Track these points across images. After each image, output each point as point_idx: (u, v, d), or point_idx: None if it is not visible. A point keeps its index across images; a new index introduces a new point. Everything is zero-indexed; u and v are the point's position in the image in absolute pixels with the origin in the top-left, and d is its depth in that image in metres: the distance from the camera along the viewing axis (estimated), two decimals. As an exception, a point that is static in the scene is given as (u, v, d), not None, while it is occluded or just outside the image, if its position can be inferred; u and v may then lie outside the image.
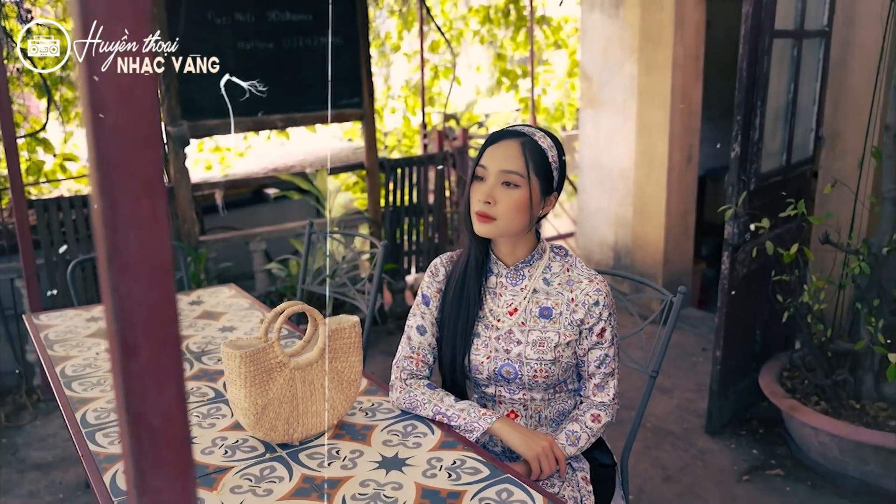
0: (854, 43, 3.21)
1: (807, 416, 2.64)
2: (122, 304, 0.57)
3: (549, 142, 1.55)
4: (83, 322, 2.31)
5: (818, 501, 2.63)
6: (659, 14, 4.05)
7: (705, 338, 4.05)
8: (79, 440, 1.55)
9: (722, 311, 2.92)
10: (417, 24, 5.55)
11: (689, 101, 4.17)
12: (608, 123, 4.51)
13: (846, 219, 2.93)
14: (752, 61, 2.68)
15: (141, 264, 0.57)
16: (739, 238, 2.81)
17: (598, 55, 4.53)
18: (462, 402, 1.59)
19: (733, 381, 3.10)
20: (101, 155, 0.54)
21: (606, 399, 1.63)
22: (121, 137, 0.54)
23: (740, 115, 2.74)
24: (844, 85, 3.24)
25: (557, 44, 6.46)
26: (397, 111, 6.24)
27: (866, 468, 2.59)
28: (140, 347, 0.58)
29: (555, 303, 1.57)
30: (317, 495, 1.35)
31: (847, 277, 2.71)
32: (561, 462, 1.53)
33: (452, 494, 1.34)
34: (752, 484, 2.75)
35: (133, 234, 0.56)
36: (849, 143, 3.18)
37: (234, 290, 2.64)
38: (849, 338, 2.78)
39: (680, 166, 4.23)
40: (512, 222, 1.52)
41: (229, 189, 3.98)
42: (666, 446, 3.02)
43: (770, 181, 2.96)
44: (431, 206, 4.68)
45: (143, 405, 0.60)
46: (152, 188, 0.56)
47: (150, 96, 0.55)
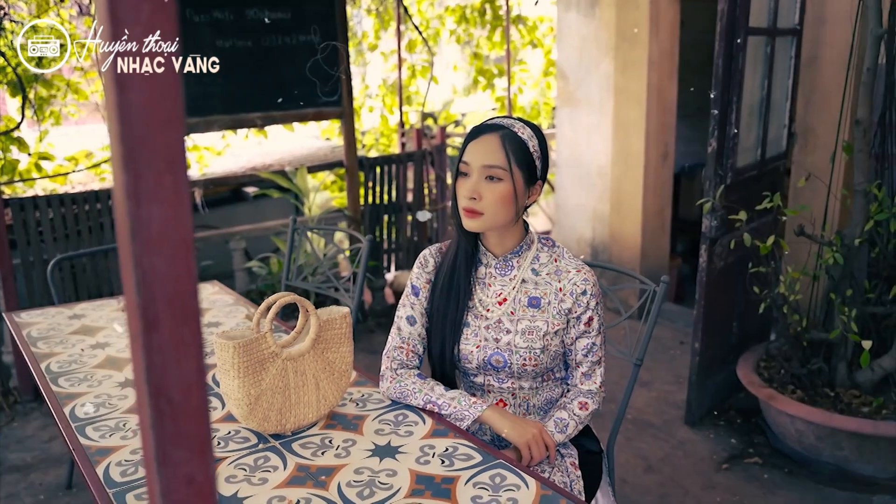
0: (824, 41, 3.29)
1: (784, 404, 2.70)
2: (145, 279, 0.58)
3: (530, 132, 1.57)
4: (65, 319, 2.29)
5: (795, 487, 2.69)
6: (634, 13, 4.11)
7: (682, 331, 4.12)
8: (69, 434, 1.54)
9: (700, 303, 2.98)
10: (394, 23, 5.57)
11: (664, 98, 4.24)
12: (585, 121, 4.56)
13: (818, 212, 3.00)
14: (728, 58, 2.74)
15: (163, 239, 0.58)
16: (717, 231, 2.87)
17: (574, 54, 4.58)
18: (452, 392, 1.61)
19: (711, 372, 3.16)
20: (125, 132, 0.55)
21: (593, 387, 1.66)
22: (146, 115, 0.55)
23: (717, 110, 2.79)
24: (815, 82, 3.32)
25: (533, 43, 6.51)
26: (375, 110, 6.25)
27: (840, 454, 2.66)
28: (162, 321, 0.60)
29: (543, 292, 1.60)
30: (312, 483, 1.36)
31: (821, 269, 2.78)
32: (551, 448, 1.56)
33: (447, 480, 1.36)
34: (731, 472, 2.80)
35: (156, 210, 0.57)
36: (820, 138, 3.25)
37: (218, 287, 2.64)
38: (823, 327, 2.85)
39: (656, 163, 4.29)
40: (498, 215, 1.55)
41: (209, 187, 3.96)
42: (646, 437, 3.07)
43: (746, 176, 3.02)
44: (411, 204, 4.70)
45: (165, 378, 0.61)
46: (175, 164, 0.57)
47: (174, 76, 0.56)
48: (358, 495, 1.31)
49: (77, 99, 3.95)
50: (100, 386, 1.79)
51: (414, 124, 5.47)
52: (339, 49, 4.01)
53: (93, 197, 3.47)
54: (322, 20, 3.94)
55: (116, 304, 2.44)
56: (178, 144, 0.57)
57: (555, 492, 1.32)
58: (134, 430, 1.56)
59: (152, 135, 0.56)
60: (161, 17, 0.54)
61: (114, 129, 0.55)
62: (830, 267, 2.69)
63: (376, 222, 4.51)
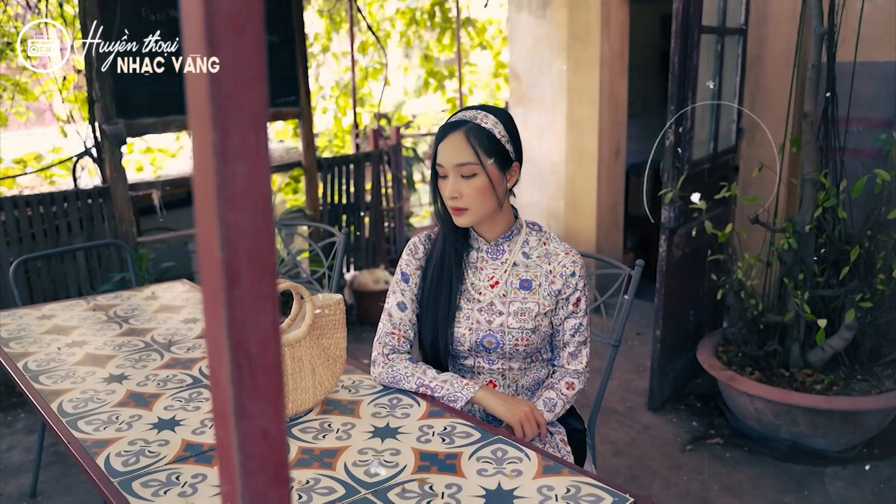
0: (767, 40, 3.46)
1: (744, 384, 2.83)
2: (228, 234, 0.60)
3: (493, 118, 1.61)
4: (35, 320, 2.24)
5: (755, 464, 2.82)
6: (586, 14, 4.22)
7: (639, 323, 4.24)
8: (61, 429, 1.52)
9: (661, 291, 3.09)
10: (347, 25, 5.57)
11: (615, 96, 4.37)
12: (538, 120, 4.66)
13: (768, 202, 3.15)
14: (684, 54, 2.85)
15: (246, 195, 0.60)
16: (675, 222, 2.98)
17: (526, 54, 4.67)
18: (444, 374, 1.65)
19: (671, 359, 3.28)
20: (214, 91, 0.57)
21: (580, 367, 1.72)
22: (234, 74, 0.58)
23: (673, 105, 2.90)
24: (760, 79, 3.48)
25: (482, 45, 6.61)
26: (328, 111, 6.24)
27: (796, 429, 2.79)
28: (243, 275, 0.62)
29: (534, 275, 1.66)
30: (318, 464, 1.38)
31: (774, 255, 2.92)
32: (542, 426, 1.61)
33: (450, 456, 1.40)
34: (695, 453, 2.91)
35: (241, 166, 0.59)
36: (765, 133, 3.41)
37: (188, 286, 2.61)
38: (777, 311, 2.99)
39: (609, 159, 4.42)
40: (483, 206, 1.60)
41: (166, 189, 3.90)
42: (613, 423, 3.16)
43: (700, 168, 3.15)
44: (368, 204, 4.71)
45: (244, 332, 0.63)
46: (257, 123, 0.60)
47: (259, 35, 0.59)
48: (365, 473, 1.34)
49: (25, 100, 3.84)
50: (84, 382, 1.76)
51: (368, 125, 5.49)
52: (296, 50, 4.00)
53: (48, 199, 3.37)
54: (279, 21, 3.93)
55: (86, 304, 2.39)
56: (261, 103, 0.59)
57: (556, 462, 1.37)
58: (128, 422, 1.55)
59: (239, 94, 0.58)
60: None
61: (202, 88, 0.57)
62: (783, 252, 2.83)
63: (335, 222, 4.51)
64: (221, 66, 0.58)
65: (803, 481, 2.70)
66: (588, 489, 1.28)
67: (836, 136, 3.03)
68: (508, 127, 1.63)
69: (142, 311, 2.33)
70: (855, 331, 2.77)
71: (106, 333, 2.11)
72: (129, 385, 1.75)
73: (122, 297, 2.49)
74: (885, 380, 2.81)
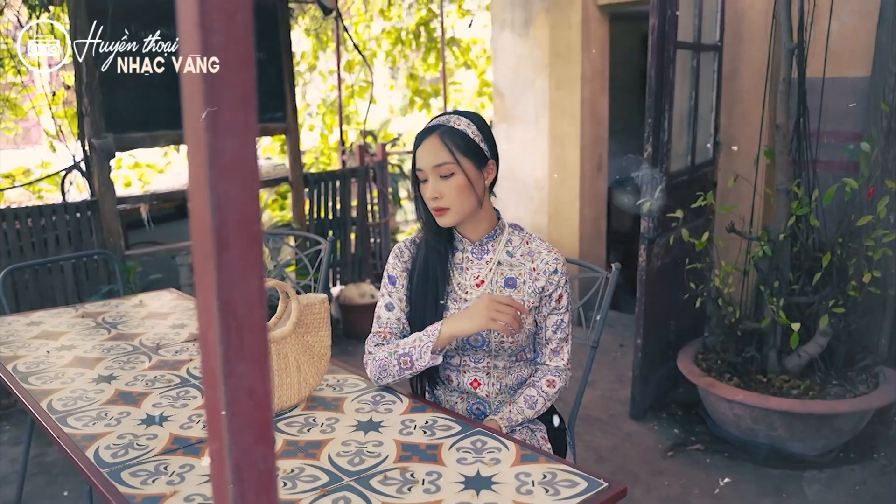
0: (742, 57, 3.56)
1: (723, 390, 2.88)
2: (219, 203, 0.66)
3: (465, 120, 1.68)
4: (23, 326, 2.27)
5: (735, 469, 2.87)
6: (567, 32, 4.33)
7: (621, 335, 4.31)
8: (51, 425, 1.55)
9: (642, 300, 3.15)
10: (333, 44, 5.66)
11: (596, 113, 4.46)
12: (522, 136, 4.75)
13: (745, 211, 3.24)
14: (660, 69, 2.94)
15: (235, 167, 0.66)
16: (654, 232, 3.06)
17: (509, 72, 4.77)
18: (411, 336, 1.66)
19: (653, 368, 3.33)
20: (207, 71, 0.63)
21: (561, 364, 1.77)
22: (225, 55, 0.63)
23: (651, 118, 2.99)
24: (736, 94, 3.58)
25: (467, 64, 6.72)
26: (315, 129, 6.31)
27: (774, 434, 2.85)
28: (232, 241, 0.67)
29: (518, 273, 1.72)
30: (303, 455, 1.42)
31: (750, 263, 2.99)
32: (512, 302, 1.57)
33: (431, 447, 1.44)
34: (676, 459, 2.96)
35: (230, 141, 0.65)
36: (742, 146, 3.51)
37: (176, 294, 2.65)
38: (754, 318, 3.06)
39: (591, 174, 4.50)
40: (463, 205, 1.66)
41: (154, 203, 3.94)
42: (596, 431, 3.21)
43: (678, 180, 3.23)
44: (354, 219, 4.77)
45: (233, 294, 0.68)
46: (246, 101, 0.65)
47: (248, 21, 0.64)
48: (349, 462, 1.38)
49: (14, 116, 3.88)
50: (73, 382, 1.79)
51: (354, 142, 5.56)
52: (283, 67, 4.07)
53: (36, 212, 3.41)
54: (267, 38, 4.00)
55: (74, 312, 2.42)
56: (250, 83, 0.65)
57: (533, 451, 1.42)
58: (117, 418, 1.58)
59: (230, 74, 0.64)
60: None
61: (195, 68, 0.63)
62: (759, 260, 2.91)
63: (321, 236, 4.56)
64: (214, 47, 0.64)
65: (782, 485, 2.75)
66: (564, 475, 1.33)
67: (808, 148, 3.12)
68: (481, 127, 1.70)
69: (130, 317, 2.36)
70: (829, 337, 2.84)
71: (94, 338, 2.15)
72: (117, 385, 1.78)
73: (110, 305, 2.52)
74: (859, 384, 2.88)
